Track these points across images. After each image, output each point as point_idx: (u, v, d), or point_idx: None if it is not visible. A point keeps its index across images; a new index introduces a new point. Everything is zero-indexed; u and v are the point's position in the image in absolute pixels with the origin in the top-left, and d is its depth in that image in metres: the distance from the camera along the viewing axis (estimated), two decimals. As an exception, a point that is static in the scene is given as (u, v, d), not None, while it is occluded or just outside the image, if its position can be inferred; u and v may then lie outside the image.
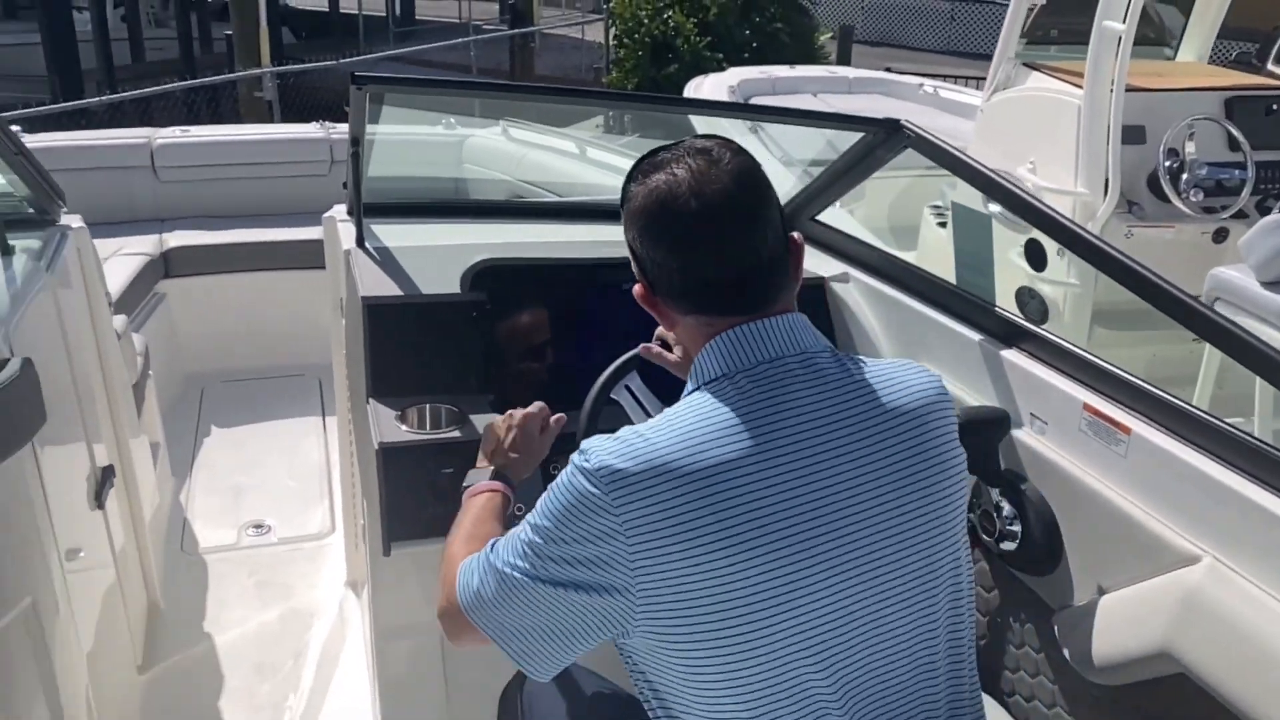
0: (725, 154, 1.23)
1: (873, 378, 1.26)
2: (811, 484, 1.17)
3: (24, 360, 1.72)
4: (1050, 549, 1.65)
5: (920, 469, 1.23)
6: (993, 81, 4.72)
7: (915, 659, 1.26)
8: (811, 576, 1.16)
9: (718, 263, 1.21)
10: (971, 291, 1.87)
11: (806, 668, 1.17)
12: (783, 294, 1.26)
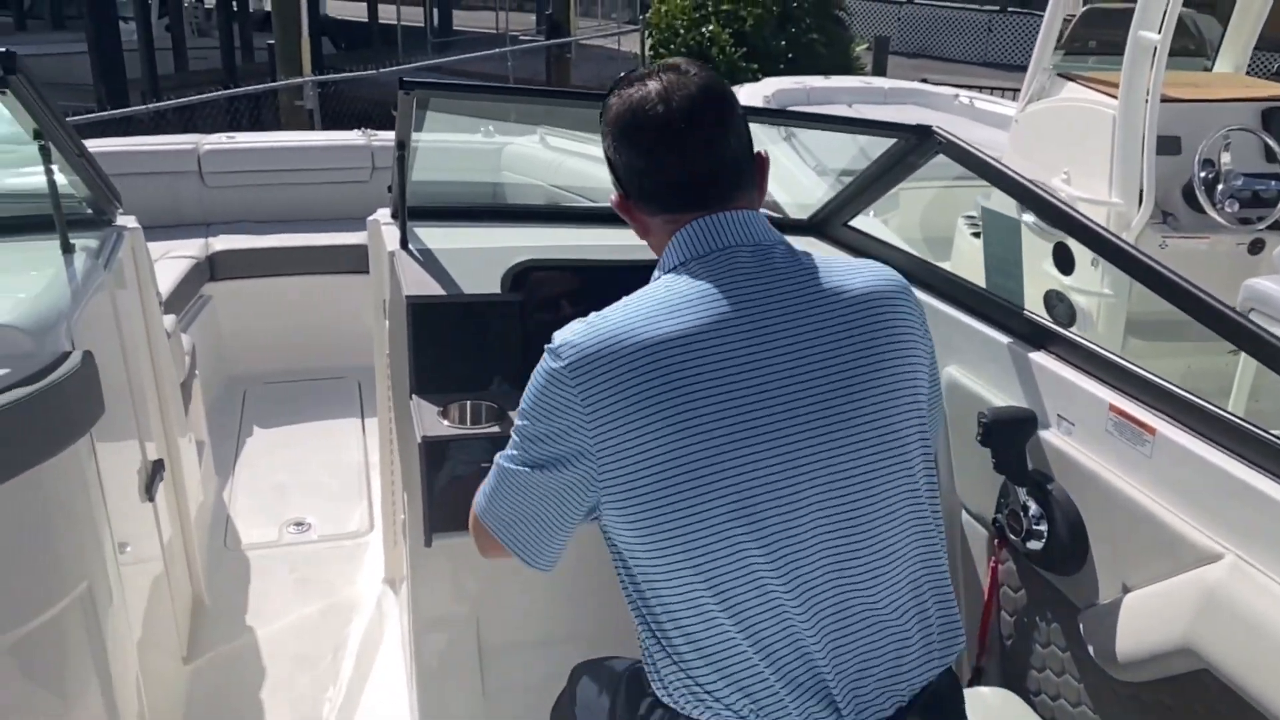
0: (693, 69, 1.35)
1: (825, 267, 1.34)
2: (758, 361, 1.25)
3: (85, 353, 1.80)
4: (1076, 548, 1.68)
5: (872, 354, 1.29)
6: (1027, 92, 4.73)
7: (877, 556, 1.29)
8: (752, 447, 1.23)
9: (681, 164, 1.32)
10: (1000, 295, 1.90)
11: (748, 543, 1.23)
12: (742, 195, 1.36)
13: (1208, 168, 3.83)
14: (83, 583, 1.91)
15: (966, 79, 13.19)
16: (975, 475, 1.94)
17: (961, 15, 23.74)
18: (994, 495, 1.86)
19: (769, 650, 1.25)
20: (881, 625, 1.30)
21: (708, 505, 1.22)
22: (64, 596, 1.88)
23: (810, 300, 1.29)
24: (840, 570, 1.27)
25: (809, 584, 1.25)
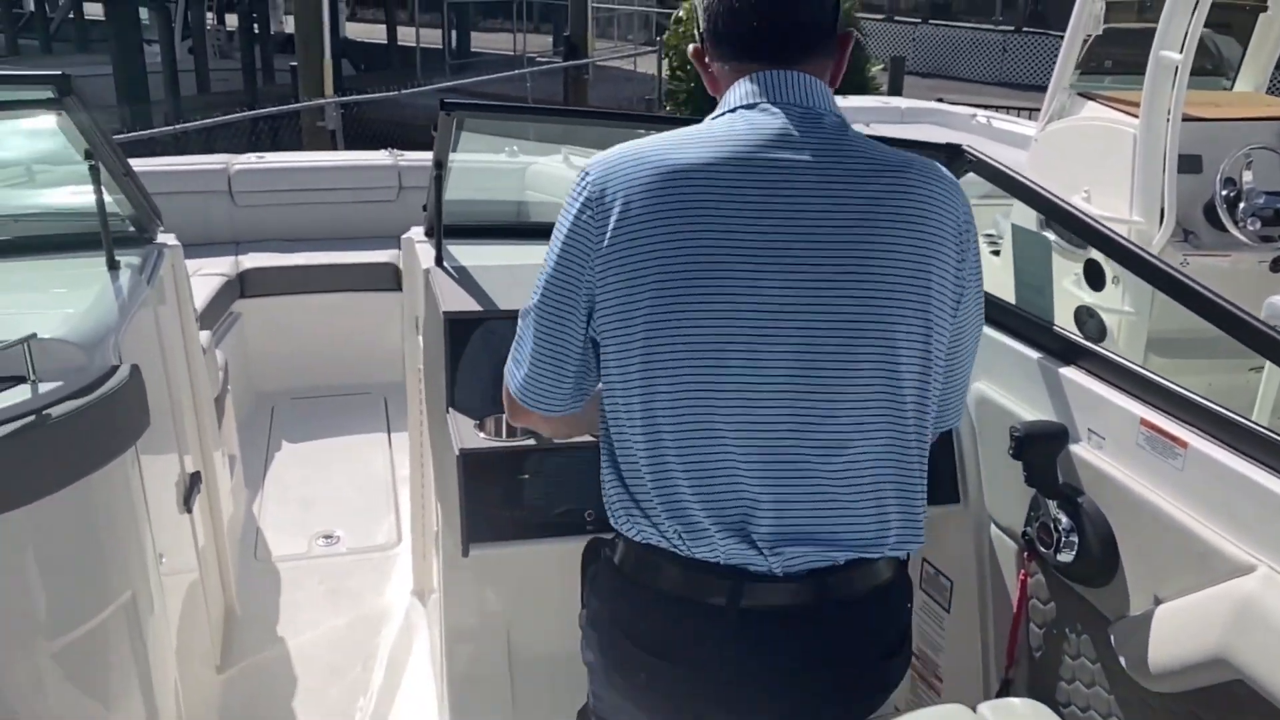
0: None
1: (873, 149, 1.34)
2: (770, 209, 1.27)
3: (133, 367, 1.85)
4: (1107, 560, 1.70)
5: (883, 241, 1.29)
6: (1047, 111, 4.76)
7: (837, 429, 1.31)
8: (736, 289, 1.26)
9: (755, 12, 1.33)
10: (1030, 311, 1.93)
11: (708, 378, 1.28)
12: (813, 60, 1.36)
13: (1229, 186, 3.84)
14: (127, 591, 1.95)
15: (982, 98, 13.24)
16: (1004, 488, 1.97)
17: (976, 35, 23.81)
18: (1023, 508, 1.88)
19: (703, 484, 1.30)
20: (828, 493, 1.32)
21: (680, 329, 1.27)
22: (109, 604, 1.91)
23: (842, 170, 1.30)
24: (797, 431, 1.30)
25: (760, 431, 1.29)
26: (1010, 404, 1.92)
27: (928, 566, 2.27)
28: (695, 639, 1.36)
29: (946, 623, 2.23)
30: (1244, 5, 4.72)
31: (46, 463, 1.70)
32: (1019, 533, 1.91)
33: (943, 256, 1.33)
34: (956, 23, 24.76)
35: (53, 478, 1.71)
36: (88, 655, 1.91)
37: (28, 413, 1.65)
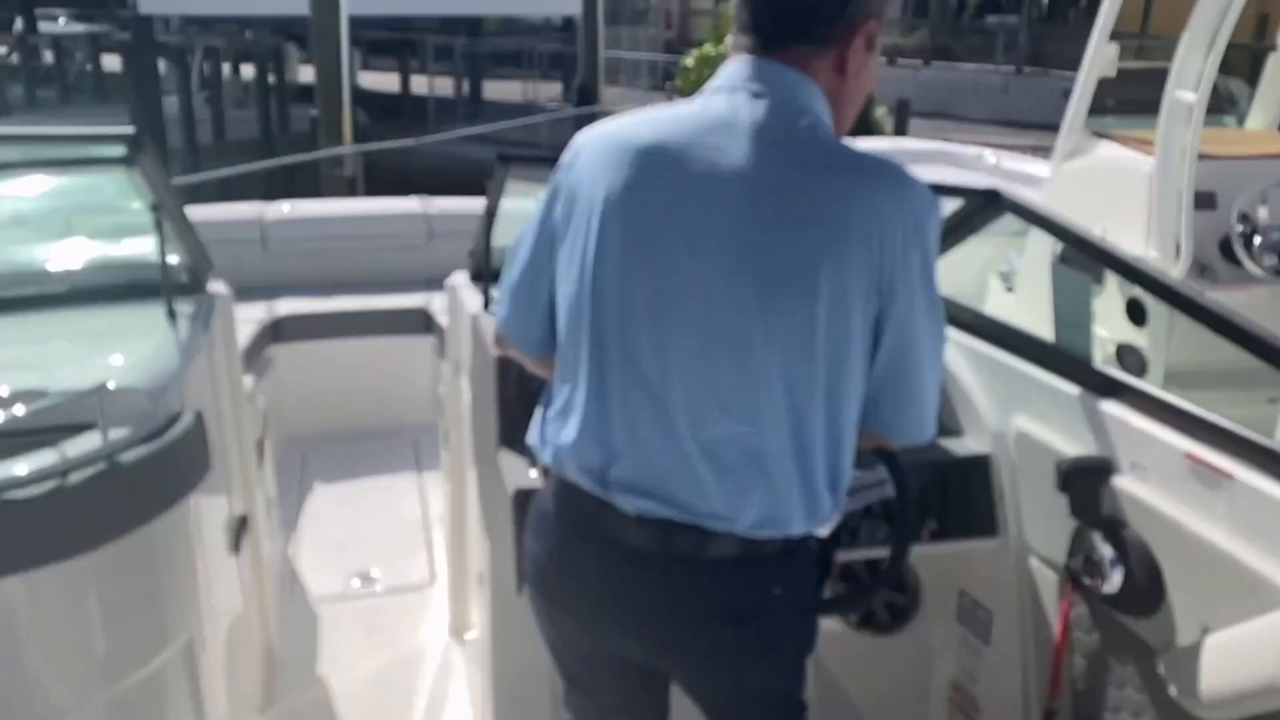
0: None
1: (828, 151, 1.37)
2: (689, 195, 1.36)
3: (196, 413, 1.90)
4: (1153, 591, 1.73)
5: (805, 242, 1.33)
6: (1062, 150, 4.83)
7: (722, 402, 1.39)
8: (651, 267, 1.38)
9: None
10: (1068, 348, 1.98)
11: (610, 329, 1.42)
12: (801, 46, 1.39)
13: (1245, 222, 3.90)
14: (184, 634, 1.99)
15: (985, 138, 13.37)
16: (1044, 521, 2.00)
17: (978, 77, 24.11)
18: (1064, 540, 1.92)
19: (586, 424, 1.45)
20: (687, 462, 1.41)
21: (595, 290, 1.41)
22: (168, 647, 1.96)
23: (770, 163, 1.35)
24: (677, 399, 1.39)
25: (643, 390, 1.41)
26: (1050, 439, 1.96)
27: (965, 599, 2.30)
28: (569, 559, 1.55)
29: (985, 654, 2.25)
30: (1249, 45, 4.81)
31: (116, 507, 1.75)
32: (1061, 564, 1.94)
33: (841, 257, 1.34)
34: (958, 64, 25.07)
35: (121, 522, 1.76)
36: (147, 698, 1.94)
37: (99, 459, 1.71)
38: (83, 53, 21.29)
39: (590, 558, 1.52)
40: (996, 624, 2.21)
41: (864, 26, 1.40)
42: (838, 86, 1.42)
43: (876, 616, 2.47)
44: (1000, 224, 2.20)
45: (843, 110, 1.45)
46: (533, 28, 25.11)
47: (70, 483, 1.66)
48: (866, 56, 1.43)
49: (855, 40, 1.40)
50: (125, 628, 1.84)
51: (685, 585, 1.47)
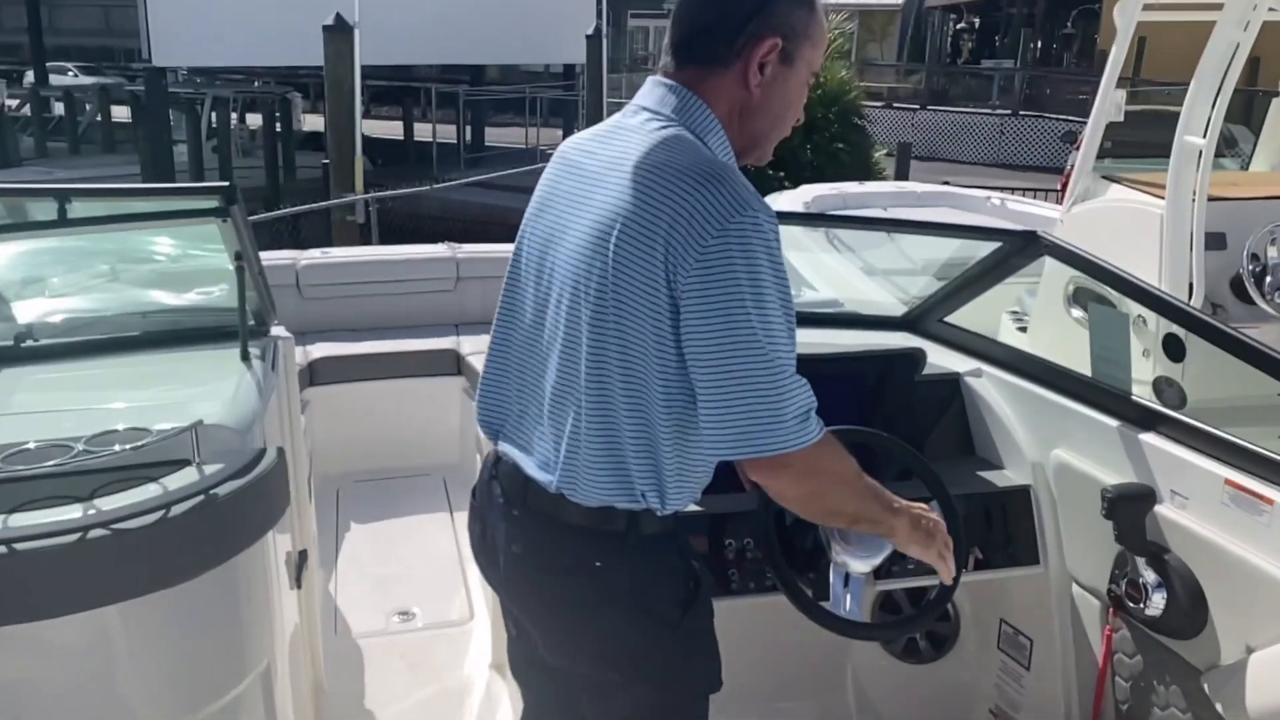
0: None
1: (635, 155, 1.48)
2: (555, 206, 1.60)
3: (279, 450, 2.00)
4: (1196, 613, 1.82)
5: (583, 241, 1.50)
6: (1072, 193, 4.97)
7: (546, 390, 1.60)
8: (529, 260, 1.65)
9: (672, 19, 1.57)
10: (1107, 382, 2.08)
11: (513, 328, 1.70)
12: (690, 68, 1.53)
13: (1255, 261, 4.03)
14: (263, 662, 2.07)
15: (982, 179, 13.59)
16: (1085, 549, 2.09)
17: (974, 120, 24.46)
18: (1105, 567, 2.01)
19: (493, 393, 1.74)
20: (541, 423, 1.63)
21: (506, 289, 1.70)
22: (248, 675, 2.03)
23: (605, 173, 1.52)
24: (542, 379, 1.62)
25: (528, 370, 1.66)
26: (1090, 469, 2.06)
27: (1006, 627, 2.38)
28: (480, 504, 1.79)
29: (1026, 681, 2.33)
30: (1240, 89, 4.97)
31: (211, 539, 1.84)
32: (1103, 590, 2.03)
33: (628, 262, 1.43)
34: (954, 108, 25.44)
35: (216, 553, 1.85)
36: (228, 721, 2.02)
37: (197, 493, 1.81)
38: (93, 104, 21.61)
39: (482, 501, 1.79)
40: (1037, 651, 2.30)
41: (763, 44, 1.49)
42: (745, 101, 1.53)
43: (919, 645, 2.56)
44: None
45: (755, 123, 1.55)
46: (533, 75, 25.49)
47: (171, 515, 1.76)
48: (779, 71, 1.52)
49: (755, 57, 1.50)
50: (212, 655, 1.92)
51: (518, 527, 1.65)
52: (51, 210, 2.11)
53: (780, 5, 1.50)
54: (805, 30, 1.52)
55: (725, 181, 1.41)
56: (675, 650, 1.64)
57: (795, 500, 1.56)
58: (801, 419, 1.44)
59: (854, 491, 1.56)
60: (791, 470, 1.47)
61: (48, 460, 1.78)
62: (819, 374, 2.32)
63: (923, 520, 1.65)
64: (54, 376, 2.25)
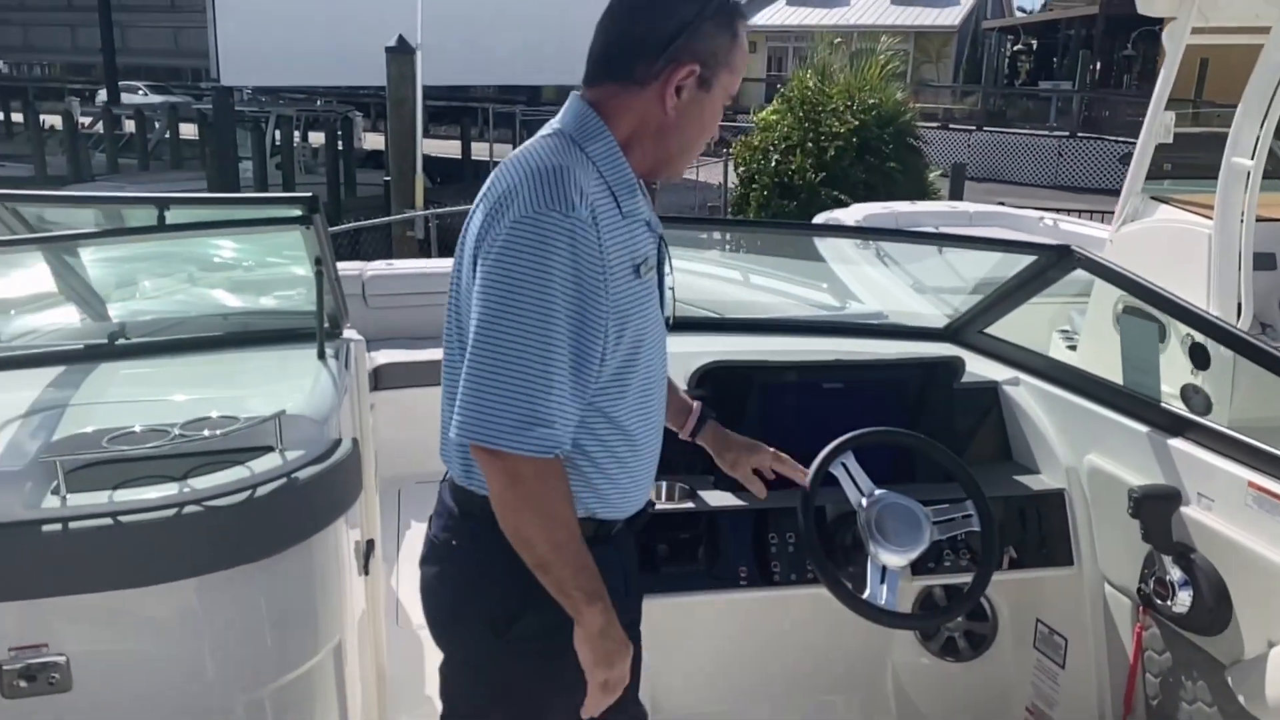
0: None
1: (503, 172, 1.53)
2: None
3: (354, 440, 2.16)
4: (1220, 610, 1.89)
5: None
6: (1121, 214, 5.02)
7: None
8: None
9: (598, 26, 1.58)
10: (1137, 390, 2.16)
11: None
12: (597, 85, 1.56)
13: (1304, 281, 4.05)
14: (335, 637, 2.22)
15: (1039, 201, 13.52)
16: (1117, 550, 2.17)
17: (1032, 141, 24.30)
18: (1135, 567, 2.09)
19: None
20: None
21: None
22: (322, 648, 2.19)
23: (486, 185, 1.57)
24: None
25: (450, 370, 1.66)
26: (1120, 472, 2.14)
27: (1042, 626, 2.46)
28: None
29: (1061, 679, 2.41)
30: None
31: (292, 519, 2.00)
32: (1133, 589, 2.11)
33: (468, 250, 1.53)
34: (1011, 129, 25.31)
35: (293, 532, 2.01)
36: (302, 694, 2.17)
37: (281, 476, 1.97)
38: (162, 122, 22.35)
39: None
40: (1072, 649, 2.37)
41: (682, 68, 1.52)
42: (659, 121, 1.55)
43: (957, 644, 2.64)
44: (1059, 286, 2.39)
45: (669, 143, 1.58)
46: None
47: (257, 496, 1.92)
48: (695, 96, 1.55)
49: (673, 80, 1.52)
50: (290, 627, 2.07)
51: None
52: (148, 217, 2.30)
53: (703, 31, 1.52)
54: (726, 59, 1.56)
55: (542, 180, 1.45)
56: (500, 658, 1.65)
57: (495, 505, 1.53)
58: (521, 424, 1.44)
59: (549, 535, 1.50)
60: (494, 470, 1.48)
61: (147, 443, 1.95)
62: (861, 380, 2.45)
63: (613, 635, 1.56)
64: (147, 371, 2.43)
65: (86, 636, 1.87)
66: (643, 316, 1.55)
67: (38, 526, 1.80)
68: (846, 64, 13.90)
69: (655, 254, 1.61)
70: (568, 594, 1.52)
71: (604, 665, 1.55)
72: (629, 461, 1.62)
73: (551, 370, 1.44)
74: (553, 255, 1.42)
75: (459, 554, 1.68)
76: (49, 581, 1.81)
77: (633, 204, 1.55)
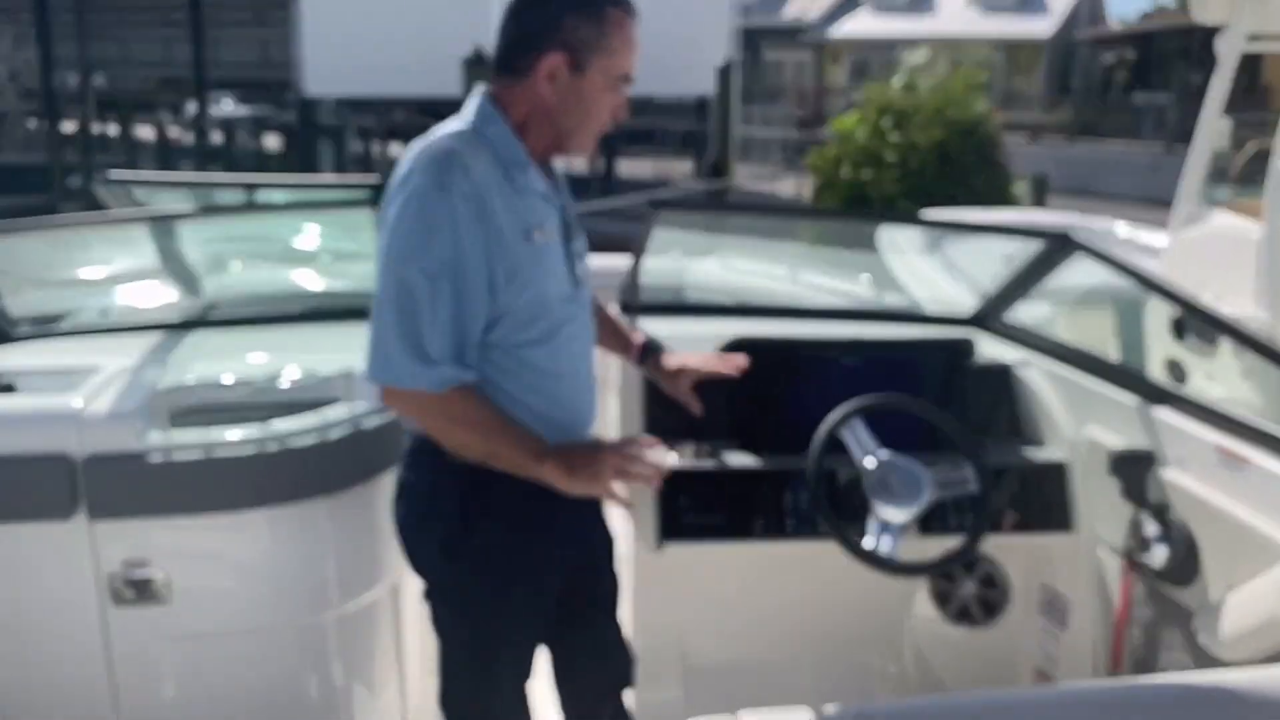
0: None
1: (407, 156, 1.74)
2: None
3: None
4: (1189, 562, 2.06)
5: None
6: (1176, 220, 5.09)
7: None
8: None
9: None
10: (1128, 365, 2.33)
11: None
12: (501, 78, 1.77)
13: (1351, 282, 4.09)
14: (392, 576, 2.50)
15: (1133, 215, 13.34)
16: (1106, 513, 2.33)
17: (1125, 154, 23.82)
18: (1123, 528, 2.25)
19: None
20: None
21: None
22: (380, 582, 2.46)
23: None
24: None
25: None
26: (1111, 440, 2.31)
27: (1046, 590, 2.62)
28: None
29: (1062, 640, 2.56)
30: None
31: (356, 462, 2.29)
32: (1120, 549, 2.27)
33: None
34: (1104, 141, 24.86)
35: (360, 472, 2.29)
36: (363, 624, 2.45)
37: (347, 423, 2.26)
38: (246, 132, 23.34)
39: None
40: (1072, 611, 2.53)
41: (548, 58, 1.73)
42: (545, 105, 1.76)
43: (970, 611, 2.81)
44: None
45: (561, 122, 1.78)
46: (665, 107, 26.11)
47: (327, 439, 2.21)
48: (571, 80, 1.75)
49: (542, 70, 1.74)
50: (356, 558, 2.36)
51: None
52: (237, 198, 2.62)
53: (565, 23, 1.73)
54: (596, 43, 1.75)
55: (430, 157, 1.70)
56: (455, 579, 1.85)
57: (426, 429, 1.78)
58: (412, 364, 1.68)
59: (481, 433, 1.73)
60: (404, 404, 1.74)
61: (235, 393, 2.26)
62: (878, 358, 2.64)
63: (577, 462, 1.73)
64: (236, 340, 2.76)
65: (181, 555, 2.18)
66: (541, 274, 1.78)
67: (144, 457, 2.11)
68: (930, 75, 13.91)
69: (554, 223, 1.83)
70: (522, 466, 1.74)
71: (595, 484, 1.73)
72: (554, 392, 1.85)
73: (432, 320, 1.68)
74: (434, 224, 1.67)
75: (409, 489, 1.89)
76: (153, 504, 2.12)
77: (524, 179, 1.77)
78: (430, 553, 1.87)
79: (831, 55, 34.72)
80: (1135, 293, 2.31)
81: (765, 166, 22.74)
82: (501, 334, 1.77)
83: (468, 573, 1.84)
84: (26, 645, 2.21)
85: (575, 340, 1.90)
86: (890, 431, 2.26)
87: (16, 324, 2.71)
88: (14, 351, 2.59)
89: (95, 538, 2.14)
